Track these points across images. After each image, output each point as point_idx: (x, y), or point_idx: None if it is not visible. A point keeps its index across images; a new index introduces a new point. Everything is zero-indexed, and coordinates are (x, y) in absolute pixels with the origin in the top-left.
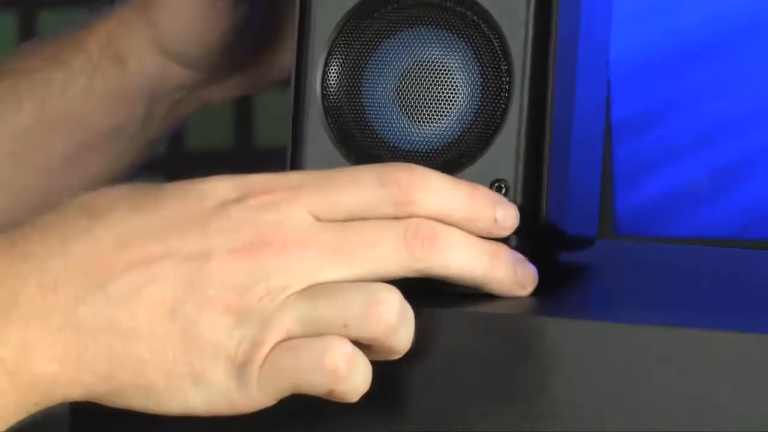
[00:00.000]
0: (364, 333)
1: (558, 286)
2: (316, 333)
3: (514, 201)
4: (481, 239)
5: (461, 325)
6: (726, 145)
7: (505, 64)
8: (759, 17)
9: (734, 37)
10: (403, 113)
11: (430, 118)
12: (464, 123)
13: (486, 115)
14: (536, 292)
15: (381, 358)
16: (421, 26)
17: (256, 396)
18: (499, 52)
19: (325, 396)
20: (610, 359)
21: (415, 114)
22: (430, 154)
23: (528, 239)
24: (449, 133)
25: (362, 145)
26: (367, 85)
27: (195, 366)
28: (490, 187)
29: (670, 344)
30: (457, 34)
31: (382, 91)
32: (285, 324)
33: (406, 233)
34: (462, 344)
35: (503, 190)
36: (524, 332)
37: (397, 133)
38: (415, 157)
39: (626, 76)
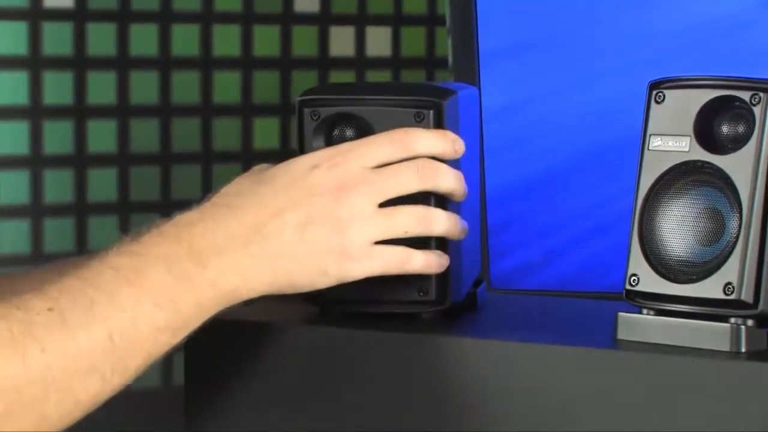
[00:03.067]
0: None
1: (453, 322)
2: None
3: (432, 298)
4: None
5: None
6: (568, 228)
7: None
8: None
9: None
10: None
11: None
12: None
13: (411, 247)
14: (440, 322)
15: None
16: None
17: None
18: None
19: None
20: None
21: None
22: None
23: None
24: None
25: None
26: None
27: (338, 246)
28: (417, 292)
29: (525, 355)
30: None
31: None
32: (370, 232)
33: (417, 167)
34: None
35: (425, 293)
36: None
37: None
38: None
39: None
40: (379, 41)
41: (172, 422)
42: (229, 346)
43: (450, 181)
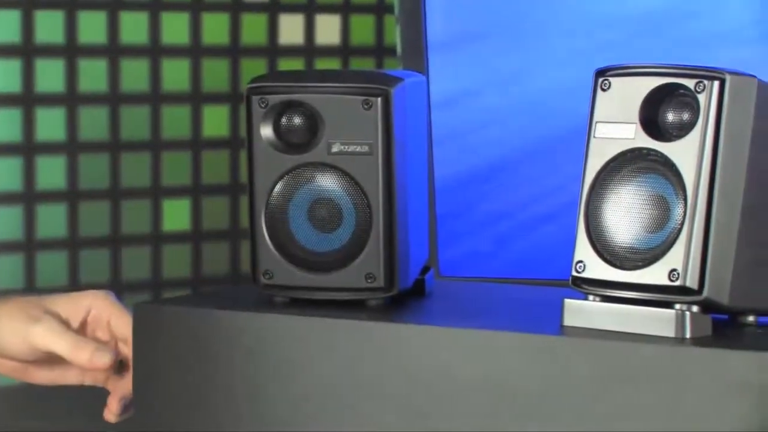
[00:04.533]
0: None
1: (400, 309)
2: None
3: (380, 285)
4: None
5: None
6: (516, 216)
7: (367, 203)
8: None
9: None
10: (311, 228)
11: (327, 233)
12: (346, 238)
13: (360, 232)
14: (381, 309)
15: None
16: (319, 179)
17: None
18: (363, 194)
19: None
20: (427, 352)
21: (319, 229)
22: (326, 255)
23: (386, 301)
24: (338, 241)
25: (288, 247)
26: (291, 212)
27: None
28: (365, 279)
29: (472, 341)
30: (341, 187)
31: (300, 215)
32: None
33: None
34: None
35: (373, 280)
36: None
37: (308, 241)
38: (315, 255)
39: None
40: (328, 29)
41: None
42: (175, 332)
43: None
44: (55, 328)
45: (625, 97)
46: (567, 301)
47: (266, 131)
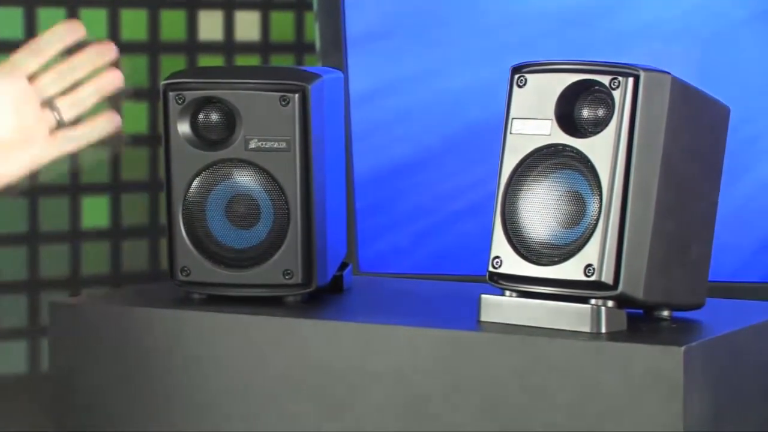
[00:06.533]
0: None
1: (317, 305)
2: None
3: (298, 281)
4: None
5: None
6: (436, 212)
7: (285, 199)
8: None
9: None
10: (229, 224)
11: (244, 229)
12: (264, 234)
13: (277, 228)
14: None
15: None
16: (237, 176)
17: None
18: (281, 190)
19: None
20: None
21: (237, 225)
22: (244, 251)
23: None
24: (256, 237)
25: (206, 244)
26: (209, 209)
27: None
28: (283, 275)
29: (388, 337)
30: (258, 183)
31: (217, 211)
32: None
33: None
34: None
35: (291, 276)
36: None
37: (225, 236)
38: (233, 252)
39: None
40: (247, 25)
41: (38, 407)
42: (93, 330)
43: None
44: None
45: (541, 93)
46: (483, 296)
47: (183, 127)
